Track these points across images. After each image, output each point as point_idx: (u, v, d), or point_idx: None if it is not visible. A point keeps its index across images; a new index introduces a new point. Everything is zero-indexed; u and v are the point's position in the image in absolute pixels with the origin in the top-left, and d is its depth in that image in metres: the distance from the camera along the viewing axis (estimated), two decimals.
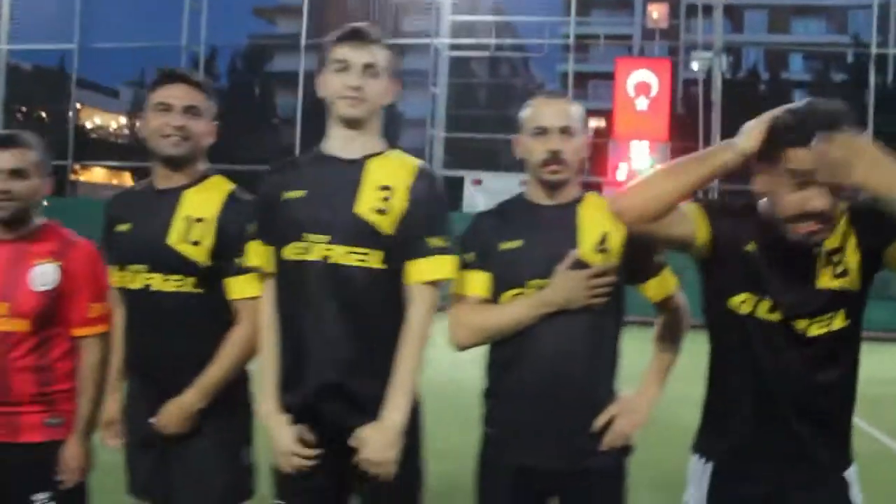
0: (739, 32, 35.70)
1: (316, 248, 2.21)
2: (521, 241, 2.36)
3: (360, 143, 2.31)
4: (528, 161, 2.40)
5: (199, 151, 2.52)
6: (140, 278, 2.45)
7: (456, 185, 19.47)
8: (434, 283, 2.26)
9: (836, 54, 33.75)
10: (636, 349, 2.74)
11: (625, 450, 2.38)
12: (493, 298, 2.38)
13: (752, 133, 2.00)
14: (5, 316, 2.49)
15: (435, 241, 2.24)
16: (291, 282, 2.25)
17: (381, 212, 2.22)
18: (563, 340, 2.30)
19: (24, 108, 33.21)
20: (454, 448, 3.37)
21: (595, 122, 37.16)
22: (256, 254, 2.32)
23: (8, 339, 2.49)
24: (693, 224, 2.09)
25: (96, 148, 24.60)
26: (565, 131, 2.35)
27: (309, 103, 34.34)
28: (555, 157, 2.34)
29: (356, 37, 2.27)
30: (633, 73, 18.32)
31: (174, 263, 2.43)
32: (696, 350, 2.49)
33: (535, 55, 35.21)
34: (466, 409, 3.01)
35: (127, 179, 40.32)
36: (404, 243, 2.23)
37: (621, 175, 18.06)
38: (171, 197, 2.48)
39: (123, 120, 41.47)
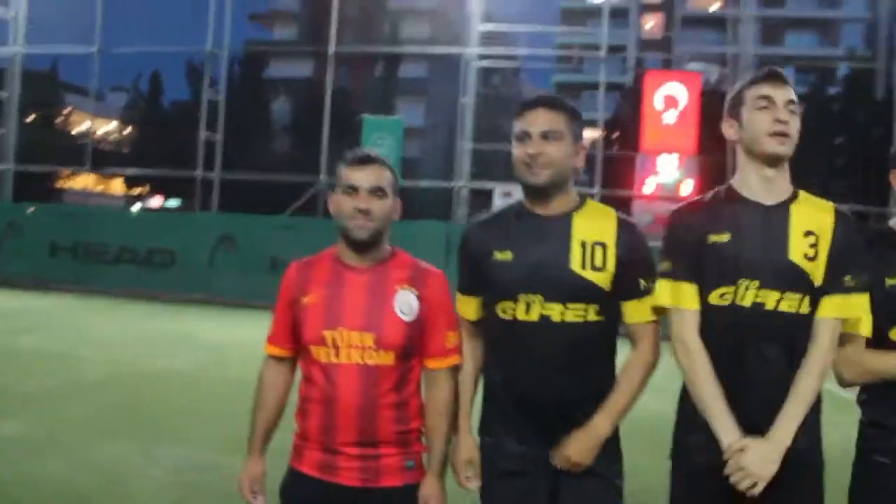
0: (734, 44, 36.06)
1: (748, 294, 2.28)
2: None
3: (778, 185, 2.35)
4: None
5: (567, 176, 2.43)
6: (535, 309, 2.38)
7: (485, 198, 19.27)
8: (841, 320, 2.32)
9: (828, 68, 34.19)
10: None
11: None
12: (876, 332, 2.41)
13: None
14: (372, 348, 2.34)
15: (849, 281, 2.30)
16: (715, 325, 2.31)
17: (810, 259, 2.29)
18: None
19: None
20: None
21: (588, 133, 37.33)
22: (685, 293, 2.34)
23: (374, 373, 2.34)
24: None
25: (84, 154, 24.34)
26: None
27: (304, 111, 34.34)
28: None
29: (776, 76, 2.34)
30: (662, 87, 18.25)
31: (579, 291, 2.38)
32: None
33: (563, 65, 34.82)
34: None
35: (116, 187, 39.87)
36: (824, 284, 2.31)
37: (648, 189, 18.00)
38: (562, 223, 2.42)
39: (112, 125, 40.93)
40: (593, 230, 2.41)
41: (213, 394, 7.94)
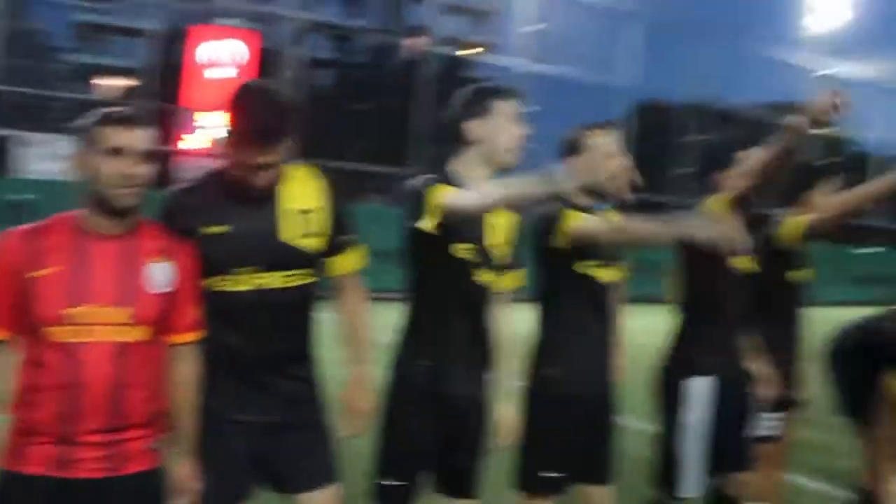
0: (273, 4, 36.49)
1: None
2: None
3: None
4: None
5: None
6: (252, 280, 2.41)
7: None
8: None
9: (355, 37, 36.61)
10: None
11: None
12: None
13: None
14: (128, 324, 2.17)
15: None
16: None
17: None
18: None
19: None
20: None
21: (125, 82, 34.61)
22: None
23: (127, 351, 2.17)
24: None
25: None
26: None
27: None
28: None
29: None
30: (210, 42, 17.31)
31: (293, 259, 2.44)
32: None
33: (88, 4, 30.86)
34: None
35: None
36: None
37: (190, 144, 17.11)
38: (269, 194, 2.44)
39: None
40: (301, 197, 2.48)
41: None
